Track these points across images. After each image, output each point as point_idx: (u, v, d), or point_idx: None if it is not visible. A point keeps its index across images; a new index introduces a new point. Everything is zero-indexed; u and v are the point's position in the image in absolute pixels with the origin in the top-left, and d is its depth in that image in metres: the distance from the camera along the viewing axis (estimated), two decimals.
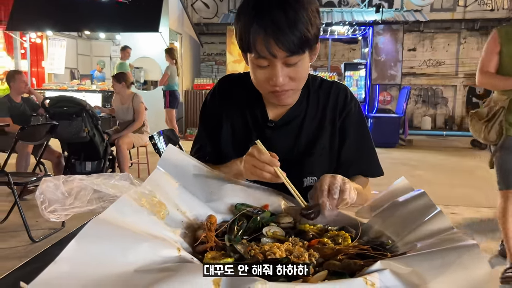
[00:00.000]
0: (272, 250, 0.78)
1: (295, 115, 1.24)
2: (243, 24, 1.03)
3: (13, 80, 4.70)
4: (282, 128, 1.24)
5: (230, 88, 1.31)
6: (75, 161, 4.65)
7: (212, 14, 13.37)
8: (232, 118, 1.28)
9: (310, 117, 1.25)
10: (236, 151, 1.22)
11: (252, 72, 1.12)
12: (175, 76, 7.72)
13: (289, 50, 1.00)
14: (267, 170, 0.98)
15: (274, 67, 1.04)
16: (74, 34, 12.26)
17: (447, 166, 7.00)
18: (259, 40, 1.01)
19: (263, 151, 0.99)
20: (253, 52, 1.04)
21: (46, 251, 0.87)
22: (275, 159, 0.98)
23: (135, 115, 5.15)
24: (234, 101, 1.28)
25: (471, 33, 12.79)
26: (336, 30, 10.77)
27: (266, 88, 1.11)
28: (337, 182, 0.96)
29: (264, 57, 1.03)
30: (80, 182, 0.79)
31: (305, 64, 1.08)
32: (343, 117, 1.25)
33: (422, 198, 0.89)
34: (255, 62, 1.07)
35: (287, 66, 1.05)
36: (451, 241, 0.72)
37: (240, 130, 1.27)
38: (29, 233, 3.30)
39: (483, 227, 3.82)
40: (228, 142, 1.27)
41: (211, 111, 1.31)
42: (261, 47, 1.01)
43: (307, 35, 1.00)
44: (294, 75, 1.07)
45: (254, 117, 1.26)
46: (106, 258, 0.68)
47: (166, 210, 0.87)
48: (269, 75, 1.06)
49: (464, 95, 13.05)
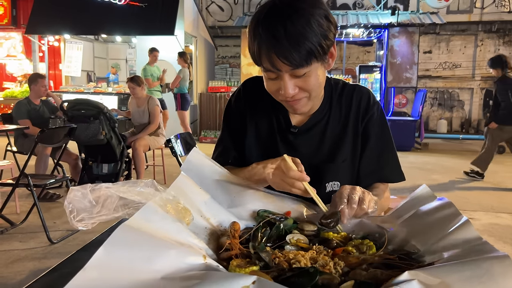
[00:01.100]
0: (296, 258, 0.77)
1: (317, 120, 1.24)
2: (250, 37, 1.05)
3: (34, 82, 4.78)
4: (305, 133, 1.24)
5: (255, 91, 1.30)
6: (92, 163, 4.70)
7: (227, 17, 13.44)
8: (256, 121, 1.28)
9: (333, 122, 1.24)
10: (260, 155, 1.23)
11: (265, 82, 1.13)
12: (187, 79, 7.79)
13: (292, 64, 1.00)
14: (297, 186, 0.99)
15: (282, 79, 1.05)
16: (91, 37, 12.44)
17: (464, 170, 6.90)
18: (263, 55, 1.02)
19: (292, 167, 0.99)
20: (260, 65, 1.06)
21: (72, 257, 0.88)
22: (304, 174, 0.98)
23: (150, 118, 5.19)
24: (259, 104, 1.28)
25: (488, 35, 12.62)
26: (351, 33, 10.73)
27: (278, 98, 1.13)
28: (357, 192, 0.96)
29: (271, 70, 1.04)
30: (106, 190, 0.80)
31: (315, 74, 1.06)
32: (366, 122, 1.25)
33: (448, 207, 0.88)
34: (265, 74, 1.09)
35: (295, 77, 1.05)
36: (480, 252, 0.70)
37: (265, 134, 1.27)
38: (48, 234, 3.35)
39: (503, 233, 3.75)
40: (253, 146, 1.28)
41: (236, 113, 1.32)
42: (266, 61, 1.02)
43: (310, 47, 0.98)
44: (303, 85, 1.07)
45: (278, 121, 1.26)
46: (134, 265, 0.69)
47: (192, 216, 0.87)
48: (278, 86, 1.07)
49: (481, 98, 12.87)
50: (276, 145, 1.25)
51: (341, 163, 1.23)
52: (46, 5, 9.49)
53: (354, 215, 0.95)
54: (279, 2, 1.00)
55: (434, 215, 0.88)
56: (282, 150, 1.24)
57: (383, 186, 1.27)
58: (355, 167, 1.25)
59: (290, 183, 0.99)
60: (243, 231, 0.93)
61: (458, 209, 0.85)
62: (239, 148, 1.30)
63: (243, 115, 1.30)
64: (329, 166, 1.22)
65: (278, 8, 1.00)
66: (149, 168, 6.06)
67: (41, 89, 4.81)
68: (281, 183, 1.01)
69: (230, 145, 1.31)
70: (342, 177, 1.22)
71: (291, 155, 1.06)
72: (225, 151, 1.31)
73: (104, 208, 0.80)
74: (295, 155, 1.08)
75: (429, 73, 12.97)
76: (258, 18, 1.01)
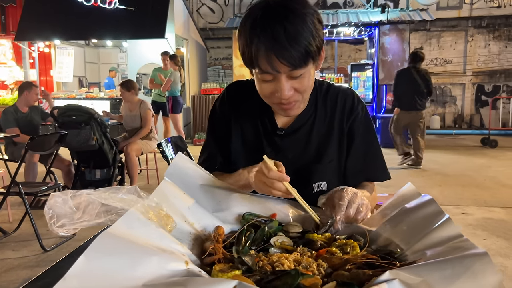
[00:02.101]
0: (280, 261, 0.77)
1: (303, 121, 1.24)
2: (245, 40, 1.03)
3: (28, 89, 4.73)
4: (292, 135, 1.24)
5: (239, 95, 1.30)
6: (85, 169, 4.68)
7: (218, 19, 13.42)
8: (242, 125, 1.28)
9: (319, 123, 1.25)
10: (246, 159, 1.22)
11: (257, 85, 1.12)
12: (178, 82, 7.78)
13: (291, 65, 0.99)
14: (277, 187, 0.97)
15: (278, 81, 1.04)
16: (82, 43, 12.38)
17: (457, 165, 6.94)
18: (261, 56, 1.00)
19: (271, 168, 0.98)
20: (256, 67, 1.03)
21: (56, 265, 0.87)
22: (284, 174, 0.97)
23: (142, 122, 5.17)
24: (243, 108, 1.28)
25: (478, 30, 12.69)
26: (342, 31, 10.76)
27: (272, 101, 1.11)
28: (356, 201, 0.96)
29: (268, 72, 1.02)
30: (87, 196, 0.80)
31: (309, 75, 1.07)
32: (351, 122, 1.25)
33: (430, 205, 0.88)
34: (260, 77, 1.06)
35: (292, 79, 1.05)
36: (460, 249, 0.71)
37: (250, 138, 1.27)
38: (41, 242, 3.33)
39: (496, 228, 3.77)
40: (239, 150, 1.27)
41: (221, 118, 1.31)
42: (264, 63, 1.01)
43: (309, 48, 0.99)
44: (299, 87, 1.07)
45: (264, 124, 1.26)
46: (115, 273, 0.68)
47: (174, 223, 0.87)
48: (274, 88, 1.06)
49: (473, 93, 12.94)
50: (262, 148, 1.24)
51: (328, 163, 1.23)
52: (35, 11, 9.44)
53: (348, 222, 0.96)
54: (273, 3, 1.00)
55: (417, 214, 0.89)
56: (269, 153, 1.23)
57: (371, 185, 1.28)
58: (342, 167, 1.26)
59: (270, 184, 0.98)
60: (228, 235, 0.93)
61: (448, 204, 0.86)
62: (224, 153, 1.29)
63: (227, 120, 1.29)
64: (316, 167, 1.22)
65: (273, 8, 0.99)
66: (143, 173, 6.04)
67: (33, 97, 4.77)
68: (261, 185, 1.00)
69: (216, 150, 1.31)
70: (329, 178, 1.23)
71: (278, 157, 1.06)
72: (211, 157, 1.31)
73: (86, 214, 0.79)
74: (282, 157, 1.07)
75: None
76: (254, 19, 1.00)
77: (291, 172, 0.99)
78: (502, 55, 12.66)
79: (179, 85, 7.83)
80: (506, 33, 12.62)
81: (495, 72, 12.71)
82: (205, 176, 1.07)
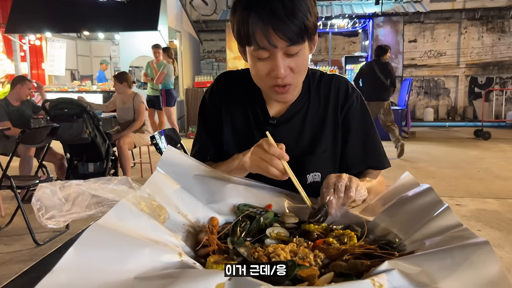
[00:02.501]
0: (276, 252, 0.76)
1: (296, 110, 1.22)
2: (241, 16, 1.00)
3: (21, 83, 4.67)
4: (284, 124, 1.22)
5: (228, 85, 1.28)
6: (78, 163, 4.64)
7: (211, 11, 13.32)
8: (232, 116, 1.26)
9: (312, 112, 1.23)
10: (238, 149, 1.20)
11: (252, 66, 1.09)
12: (172, 75, 7.70)
13: (289, 40, 0.98)
14: (275, 164, 0.94)
15: (275, 58, 1.02)
16: (73, 35, 12.25)
17: (450, 157, 6.97)
18: (258, 31, 0.98)
19: (273, 144, 0.95)
20: (253, 44, 1.01)
21: (46, 259, 0.85)
22: (284, 152, 0.95)
23: (135, 115, 5.13)
24: (233, 99, 1.26)
25: (472, 22, 12.71)
26: (336, 24, 10.73)
27: (267, 83, 1.08)
28: (343, 180, 0.93)
29: (265, 48, 1.00)
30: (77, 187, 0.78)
31: (305, 55, 1.06)
32: (346, 111, 1.23)
33: (429, 194, 0.86)
34: (255, 55, 1.04)
35: (288, 57, 1.03)
36: (460, 239, 0.69)
37: (242, 128, 1.25)
38: (33, 236, 3.30)
39: (490, 218, 3.79)
40: (230, 141, 1.25)
41: (211, 110, 1.29)
42: (261, 38, 0.99)
43: (306, 23, 0.98)
44: (295, 67, 1.05)
45: (255, 114, 1.24)
46: (105, 266, 0.66)
47: (167, 214, 0.85)
48: (270, 67, 1.04)
49: (466, 85, 12.98)
50: (254, 138, 1.22)
51: (322, 153, 1.21)
52: (25, 3, 9.31)
53: (342, 204, 0.92)
54: None
55: (415, 203, 0.87)
56: None
57: (375, 172, 1.25)
58: (337, 157, 1.24)
59: (268, 160, 0.95)
60: (223, 226, 0.91)
61: (441, 195, 0.84)
62: (216, 145, 1.27)
63: (218, 111, 1.27)
64: (309, 158, 1.20)
65: None
66: (136, 166, 6.01)
67: (26, 91, 4.71)
68: (259, 161, 0.97)
69: (208, 142, 1.29)
70: (323, 168, 1.21)
71: None
72: (202, 148, 1.28)
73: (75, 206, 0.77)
74: None
75: (414, 62, 13.03)
76: None
77: None
78: (495, 47, 12.70)
79: (172, 77, 7.76)
80: (499, 25, 12.65)
81: (488, 64, 12.75)
82: (198, 167, 1.05)
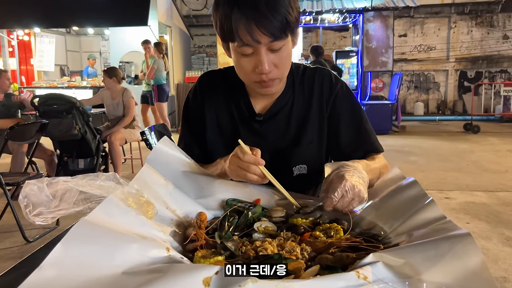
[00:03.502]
0: (263, 246, 0.76)
1: (281, 105, 1.23)
2: (223, 13, 1.00)
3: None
4: (270, 120, 1.22)
5: (211, 84, 1.28)
6: (68, 159, 4.60)
7: (201, 6, 13.24)
8: (217, 114, 1.26)
9: (297, 106, 1.23)
10: (224, 147, 1.20)
11: (236, 62, 1.09)
12: (163, 70, 7.65)
13: (272, 35, 0.98)
14: (252, 170, 0.95)
15: (258, 54, 1.02)
16: (62, 30, 12.12)
17: (440, 151, 7.03)
18: (241, 27, 0.98)
19: (246, 151, 0.95)
20: (236, 40, 1.01)
21: (34, 255, 0.85)
22: (259, 158, 0.95)
23: (125, 110, 5.10)
24: (217, 98, 1.26)
25: (461, 17, 12.77)
26: (327, 18, 10.72)
27: (252, 78, 1.09)
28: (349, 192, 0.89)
29: (248, 44, 1.00)
30: (64, 183, 0.78)
31: (288, 49, 1.06)
32: (332, 102, 1.23)
33: (414, 187, 0.88)
34: (239, 51, 1.04)
35: (272, 52, 1.03)
36: (443, 231, 0.71)
37: (227, 126, 1.25)
38: (23, 233, 3.27)
39: (478, 211, 3.84)
40: (216, 140, 1.25)
41: (194, 111, 1.29)
42: (244, 34, 0.99)
43: (288, 18, 0.99)
44: (278, 62, 1.05)
45: (240, 111, 1.24)
46: (93, 261, 0.67)
47: (155, 209, 0.85)
48: (254, 63, 1.04)
49: (456, 80, 13.07)
50: (239, 135, 1.22)
51: (308, 145, 1.22)
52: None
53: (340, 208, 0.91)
54: None
55: (401, 196, 0.88)
56: (248, 140, 1.21)
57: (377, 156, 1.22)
58: (322, 148, 1.24)
59: (245, 167, 0.95)
60: (211, 221, 0.92)
61: (431, 189, 0.85)
62: (201, 144, 1.27)
63: (201, 111, 1.27)
64: (295, 150, 1.21)
65: None
66: (127, 162, 5.98)
67: (5, 82, 4.64)
68: (236, 169, 0.97)
69: (192, 142, 1.28)
70: (309, 160, 1.21)
71: (258, 143, 1.04)
72: (187, 148, 1.26)
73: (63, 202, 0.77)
74: (262, 142, 1.06)
75: (404, 57, 13.08)
76: None
77: (270, 157, 0.98)
78: (484, 42, 12.78)
79: (163, 72, 7.71)
80: (488, 19, 12.73)
81: (478, 59, 12.84)
82: (187, 162, 1.05)
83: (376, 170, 1.11)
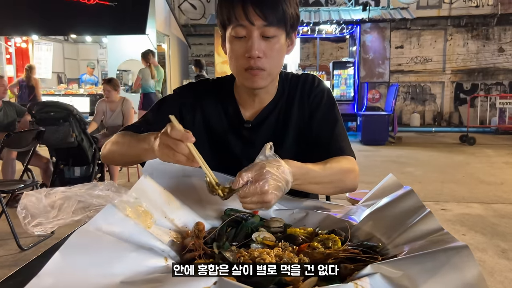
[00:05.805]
0: (261, 256, 0.76)
1: (269, 111, 1.25)
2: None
3: None
4: (259, 127, 1.24)
5: (203, 90, 1.30)
6: (64, 167, 4.58)
7: (200, 15, 13.33)
8: (205, 117, 1.27)
9: (286, 112, 1.25)
10: (211, 153, 1.22)
11: (229, 48, 1.13)
12: (149, 79, 7.61)
13: (266, 19, 1.04)
14: (180, 149, 0.85)
15: (250, 37, 1.07)
16: (60, 38, 12.13)
17: (436, 162, 7.05)
18: (238, 8, 1.05)
19: (175, 126, 0.85)
20: (233, 21, 1.07)
21: (30, 264, 0.84)
22: (190, 134, 0.85)
23: (124, 120, 5.10)
24: (207, 101, 1.28)
25: (457, 29, 12.90)
26: (324, 29, 10.81)
27: (241, 64, 1.11)
28: (259, 174, 0.87)
29: (242, 25, 1.06)
30: (63, 194, 0.78)
31: (280, 44, 1.10)
32: (310, 104, 1.25)
33: (411, 198, 0.88)
34: (233, 34, 1.09)
35: (264, 39, 1.08)
36: (441, 243, 0.71)
37: (215, 131, 1.26)
38: (18, 241, 3.25)
39: (474, 223, 3.84)
40: (202, 142, 1.25)
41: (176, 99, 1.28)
42: (240, 13, 1.05)
43: (284, 8, 1.06)
44: (269, 52, 1.09)
45: (229, 118, 1.26)
46: (91, 270, 0.67)
47: (153, 219, 0.85)
48: (245, 48, 1.08)
49: (452, 91, 13.16)
50: (229, 142, 1.24)
51: (288, 148, 1.22)
52: (11, 5, 9.19)
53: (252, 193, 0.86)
54: None
55: (398, 207, 0.89)
56: (237, 146, 1.24)
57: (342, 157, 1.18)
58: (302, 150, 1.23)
59: (173, 145, 0.85)
60: (209, 231, 0.92)
61: (427, 200, 0.86)
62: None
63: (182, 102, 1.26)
64: (284, 156, 1.20)
65: None
66: (123, 170, 5.96)
67: (0, 89, 4.63)
68: (164, 147, 0.88)
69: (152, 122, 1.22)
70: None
71: (247, 150, 1.04)
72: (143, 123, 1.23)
73: (62, 212, 0.77)
74: (252, 149, 1.06)
75: (401, 68, 13.17)
76: None
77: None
78: (480, 54, 12.90)
79: (150, 81, 7.66)
80: (484, 32, 12.86)
81: (473, 71, 12.95)
82: (185, 172, 1.05)
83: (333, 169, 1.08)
